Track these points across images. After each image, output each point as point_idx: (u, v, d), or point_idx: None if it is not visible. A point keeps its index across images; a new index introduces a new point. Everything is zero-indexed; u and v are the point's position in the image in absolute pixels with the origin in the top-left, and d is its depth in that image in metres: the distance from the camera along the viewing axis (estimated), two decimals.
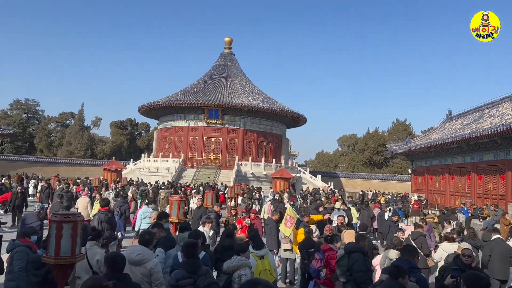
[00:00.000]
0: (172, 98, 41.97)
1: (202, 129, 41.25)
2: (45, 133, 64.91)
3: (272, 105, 41.82)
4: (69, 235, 5.14)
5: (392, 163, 62.38)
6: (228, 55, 48.74)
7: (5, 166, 41.38)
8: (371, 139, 65.12)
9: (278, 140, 45.22)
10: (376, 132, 66.58)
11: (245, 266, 5.45)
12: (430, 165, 32.34)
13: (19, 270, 5.75)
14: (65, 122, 67.39)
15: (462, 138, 24.17)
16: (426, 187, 32.70)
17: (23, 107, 66.29)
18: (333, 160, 73.92)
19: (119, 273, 4.22)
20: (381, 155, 62.82)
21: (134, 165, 43.81)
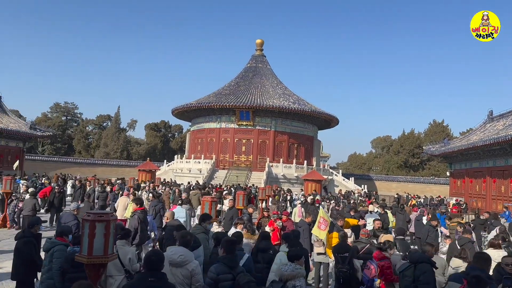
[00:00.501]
0: (204, 100, 41.92)
1: (233, 131, 41.02)
2: (83, 135, 66.57)
3: (304, 106, 41.06)
4: (101, 235, 4.94)
5: (429, 166, 60.13)
6: (260, 56, 48.37)
7: (45, 167, 42.60)
8: (407, 141, 63.02)
9: (310, 141, 44.32)
10: (412, 133, 64.38)
11: (301, 276, 5.32)
12: (470, 167, 30.65)
13: (58, 269, 5.72)
14: (102, 125, 68.87)
15: (506, 139, 22.64)
16: (465, 191, 30.97)
17: (63, 110, 68.31)
18: (366, 163, 71.97)
19: (156, 271, 4.09)
20: (417, 157, 60.84)
21: (167, 166, 44.09)
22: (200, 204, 14.57)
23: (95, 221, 5.16)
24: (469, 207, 28.32)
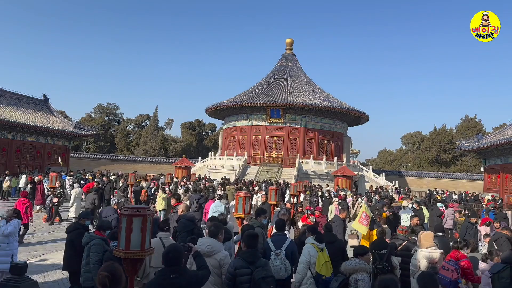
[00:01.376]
0: (236, 99, 42.02)
1: (264, 128, 40.92)
2: (124, 133, 68.26)
3: (333, 103, 40.39)
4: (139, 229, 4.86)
5: (461, 161, 58.16)
6: (289, 55, 47.99)
7: (90, 164, 44.13)
8: (438, 137, 61.11)
9: (339, 138, 43.62)
10: (444, 129, 62.35)
11: (363, 271, 5.31)
12: (505, 163, 29.25)
13: (96, 263, 5.75)
14: (142, 124, 70.37)
15: None
16: (501, 186, 29.56)
17: (105, 111, 70.23)
18: (397, 159, 70.23)
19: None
20: (448, 153, 59.04)
21: (202, 163, 44.45)
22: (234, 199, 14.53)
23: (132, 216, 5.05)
24: (504, 203, 27.00)
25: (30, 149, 34.12)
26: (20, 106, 35.59)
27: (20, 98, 37.13)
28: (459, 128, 60.92)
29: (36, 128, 33.25)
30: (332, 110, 39.80)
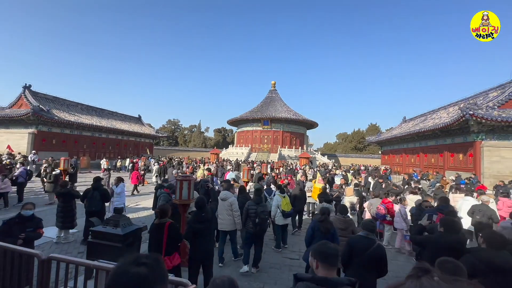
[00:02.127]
0: (244, 115, 41.58)
1: (260, 131, 40.44)
2: (182, 135, 67.80)
3: (298, 117, 39.99)
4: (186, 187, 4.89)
5: (368, 149, 57.67)
6: (274, 90, 47.25)
7: (164, 153, 43.68)
8: (356, 135, 60.79)
9: (302, 136, 43.13)
10: (359, 131, 61.97)
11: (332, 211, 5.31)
12: (393, 148, 29.11)
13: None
14: (192, 130, 69.87)
15: (415, 132, 21.16)
16: (390, 162, 29.49)
17: (172, 123, 69.67)
18: (334, 147, 69.87)
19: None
20: (361, 144, 58.46)
21: (225, 151, 44.17)
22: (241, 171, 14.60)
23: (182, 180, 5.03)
24: (392, 171, 26.97)
25: (132, 144, 33.99)
26: (125, 121, 35.38)
27: (125, 116, 36.83)
28: (367, 130, 60.30)
29: (134, 133, 33.09)
30: (297, 120, 39.42)
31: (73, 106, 27.82)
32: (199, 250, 3.87)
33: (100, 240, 3.81)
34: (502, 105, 15.19)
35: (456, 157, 17.50)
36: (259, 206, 4.74)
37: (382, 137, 30.91)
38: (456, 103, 21.89)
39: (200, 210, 3.94)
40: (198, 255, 3.86)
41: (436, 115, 23.16)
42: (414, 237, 3.57)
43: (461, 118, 14.72)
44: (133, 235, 3.88)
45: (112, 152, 29.92)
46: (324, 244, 1.69)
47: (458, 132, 16.88)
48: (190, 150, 51.15)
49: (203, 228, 3.90)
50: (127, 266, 0.87)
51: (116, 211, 4.15)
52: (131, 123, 36.18)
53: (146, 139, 37.12)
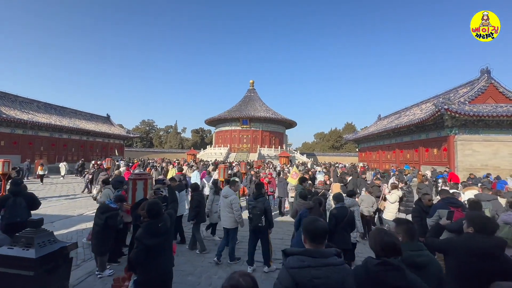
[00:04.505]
0: (222, 114, 40.32)
1: (239, 131, 39.43)
2: (158, 136, 64.60)
3: (277, 116, 39.61)
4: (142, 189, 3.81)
5: (345, 147, 59.12)
6: (252, 90, 46.55)
7: (137, 154, 41.14)
8: (333, 134, 62.05)
9: (281, 135, 42.90)
10: (336, 130, 63.36)
11: (356, 205, 5.10)
12: (369, 145, 29.62)
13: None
14: (168, 131, 66.89)
15: (391, 128, 21.48)
16: (367, 159, 29.99)
17: (146, 123, 66.13)
18: (312, 146, 70.91)
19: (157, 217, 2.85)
20: (338, 142, 59.78)
21: (203, 152, 42.54)
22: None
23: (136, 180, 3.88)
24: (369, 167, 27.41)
25: (99, 146, 31.17)
26: (91, 120, 32.35)
27: (92, 116, 33.76)
28: (344, 129, 61.76)
29: (101, 133, 30.33)
30: (276, 120, 39.00)
31: (27, 104, 24.65)
32: (157, 273, 2.79)
33: (4, 268, 2.58)
34: (472, 101, 15.73)
35: (430, 152, 17.90)
36: (256, 202, 4.51)
37: (359, 135, 31.40)
38: (428, 100, 22.67)
39: (155, 219, 2.87)
40: (155, 280, 2.78)
41: (410, 112, 23.82)
42: (432, 240, 2.79)
43: (436, 113, 14.95)
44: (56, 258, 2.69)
45: (75, 155, 27.06)
46: (313, 222, 1.66)
47: (432, 127, 17.26)
48: (166, 151, 48.62)
49: (161, 242, 2.84)
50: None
51: (30, 224, 2.89)
52: (98, 122, 33.19)
53: (116, 140, 34.30)
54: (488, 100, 15.86)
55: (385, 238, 1.68)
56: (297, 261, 1.49)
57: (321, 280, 1.44)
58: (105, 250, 4.33)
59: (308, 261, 1.48)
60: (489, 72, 16.24)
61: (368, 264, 1.65)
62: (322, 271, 1.45)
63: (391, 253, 1.64)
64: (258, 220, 4.40)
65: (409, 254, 1.93)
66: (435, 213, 4.54)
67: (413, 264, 1.88)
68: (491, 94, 15.86)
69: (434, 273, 1.93)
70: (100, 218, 4.20)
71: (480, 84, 16.23)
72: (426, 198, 4.90)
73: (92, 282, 4.07)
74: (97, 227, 4.21)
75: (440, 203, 4.65)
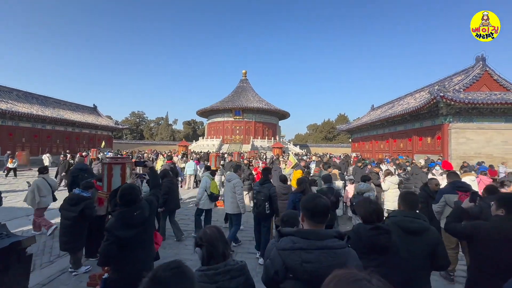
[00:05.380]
0: (214, 105, 39.39)
1: (231, 122, 38.71)
2: (148, 128, 63.14)
3: (270, 107, 39.02)
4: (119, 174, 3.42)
5: (338, 138, 59.36)
6: (245, 80, 45.56)
7: (127, 147, 40.04)
8: (326, 125, 62.12)
9: (274, 127, 42.48)
10: (329, 121, 63.39)
11: (371, 190, 4.86)
12: (362, 136, 29.58)
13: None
14: (159, 123, 65.44)
15: (385, 117, 21.30)
16: (360, 149, 29.97)
17: (136, 115, 64.40)
18: (305, 138, 70.95)
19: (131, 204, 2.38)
20: (331, 134, 59.94)
21: (195, 143, 41.82)
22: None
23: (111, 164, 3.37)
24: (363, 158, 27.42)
25: (86, 137, 29.99)
26: (77, 111, 30.97)
27: (78, 106, 32.37)
28: (337, 120, 61.71)
29: (88, 124, 29.11)
30: (269, 110, 38.42)
31: (6, 92, 23.21)
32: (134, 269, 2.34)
33: None
34: (466, 88, 15.61)
35: (424, 140, 17.87)
36: (261, 187, 4.37)
37: (352, 125, 31.29)
38: (422, 89, 22.57)
39: (129, 207, 2.40)
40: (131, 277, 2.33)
41: (404, 101, 23.71)
42: (454, 226, 2.43)
43: (431, 101, 14.77)
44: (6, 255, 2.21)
45: (60, 146, 25.92)
46: (314, 199, 1.49)
47: (427, 115, 17.15)
48: (157, 143, 47.53)
49: (137, 234, 2.37)
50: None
51: None
52: (84, 113, 31.83)
53: (104, 131, 33.09)
54: (482, 88, 15.77)
55: (372, 206, 1.99)
56: (289, 242, 1.37)
57: (312, 265, 1.27)
58: (79, 245, 3.84)
59: (300, 242, 1.34)
60: (484, 59, 16.10)
61: (361, 229, 1.91)
62: (314, 254, 1.29)
63: (377, 218, 1.93)
64: (262, 206, 4.21)
65: (402, 219, 2.09)
66: (441, 198, 4.25)
67: (406, 228, 2.04)
68: (485, 82, 15.77)
69: (429, 242, 2.03)
70: (71, 210, 3.68)
71: (475, 71, 16.10)
72: (433, 182, 4.60)
73: (65, 280, 3.58)
74: (68, 221, 3.69)
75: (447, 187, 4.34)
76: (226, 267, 1.39)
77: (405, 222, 2.06)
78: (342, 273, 0.62)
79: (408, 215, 2.11)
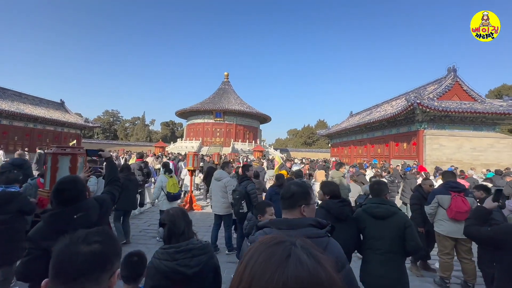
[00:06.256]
0: (194, 106, 38.24)
1: (212, 124, 37.77)
2: (123, 128, 59.85)
3: (252, 110, 38.75)
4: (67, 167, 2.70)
5: (317, 143, 60.56)
6: (227, 82, 44.90)
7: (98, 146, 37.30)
8: (306, 131, 63.24)
9: (255, 130, 42.16)
10: (308, 126, 64.67)
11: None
12: (341, 141, 30.19)
13: None
14: (135, 122, 62.32)
15: (364, 123, 21.82)
16: (339, 154, 30.52)
17: (110, 114, 60.82)
18: (285, 142, 71.56)
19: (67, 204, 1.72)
20: (311, 139, 61.00)
21: (173, 145, 40.15)
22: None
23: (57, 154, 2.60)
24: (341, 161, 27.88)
25: (50, 135, 27.40)
26: (41, 106, 28.21)
27: (41, 100, 29.49)
28: (316, 125, 63.11)
29: (53, 120, 26.64)
30: (251, 114, 38.07)
31: None
32: None
33: None
34: (439, 97, 16.40)
35: (400, 146, 18.44)
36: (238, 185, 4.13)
37: (332, 130, 31.88)
38: (398, 97, 23.53)
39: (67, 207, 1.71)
40: None
41: (381, 108, 24.55)
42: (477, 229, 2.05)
43: (409, 107, 15.26)
44: None
45: (19, 144, 23.32)
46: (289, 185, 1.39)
47: (403, 122, 17.74)
48: (132, 144, 45.08)
49: None
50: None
51: None
52: (49, 108, 29.12)
53: (72, 129, 30.54)
54: (453, 97, 16.66)
55: (334, 185, 2.51)
56: (261, 233, 1.28)
57: None
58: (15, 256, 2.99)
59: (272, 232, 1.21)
60: (455, 70, 17.07)
61: (330, 204, 2.33)
62: None
63: (335, 196, 2.41)
64: (237, 205, 3.91)
65: (369, 206, 2.33)
66: (433, 199, 4.02)
67: (373, 214, 2.25)
68: (456, 91, 16.68)
69: (396, 226, 2.17)
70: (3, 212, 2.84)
71: (447, 81, 16.99)
72: (427, 183, 4.35)
73: None
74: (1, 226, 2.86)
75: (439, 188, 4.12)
76: (188, 245, 1.42)
77: (372, 208, 2.28)
78: (265, 238, 0.56)
79: (374, 201, 2.32)
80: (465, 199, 3.78)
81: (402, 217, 2.20)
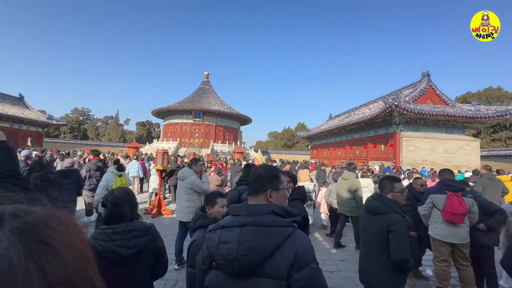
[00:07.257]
0: (172, 106, 36.56)
1: (190, 124, 36.29)
2: (94, 128, 55.95)
3: (232, 111, 37.86)
4: None
5: (297, 145, 61.10)
6: (207, 82, 43.62)
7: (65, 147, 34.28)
8: (286, 133, 63.65)
9: (236, 131, 41.32)
10: (288, 129, 65.14)
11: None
12: (321, 143, 30.42)
13: None
14: (107, 122, 58.64)
15: (344, 125, 22.02)
16: (319, 156, 30.71)
17: (80, 112, 56.66)
18: (265, 145, 71.54)
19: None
20: (291, 141, 61.42)
21: (149, 146, 38.10)
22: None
23: None
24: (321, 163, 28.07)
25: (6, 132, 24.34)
26: None
27: None
28: (296, 128, 63.78)
29: (9, 117, 23.88)
30: (231, 114, 37.19)
31: None
32: None
33: None
34: (415, 100, 16.88)
35: (378, 148, 18.73)
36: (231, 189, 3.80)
37: (312, 132, 32.06)
38: (375, 100, 24.11)
39: None
40: None
41: (359, 111, 25.01)
42: None
43: (387, 109, 15.46)
44: None
45: None
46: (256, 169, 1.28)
47: (381, 124, 18.03)
48: (104, 144, 42.21)
49: None
50: None
51: None
52: (5, 103, 26.14)
53: (32, 126, 27.68)
54: (427, 101, 17.23)
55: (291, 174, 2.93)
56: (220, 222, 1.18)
57: (229, 245, 0.98)
58: None
59: (226, 220, 1.07)
60: (429, 75, 17.70)
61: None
62: (234, 233, 1.02)
63: (294, 182, 2.84)
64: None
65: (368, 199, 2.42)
66: (427, 199, 3.61)
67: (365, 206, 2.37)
68: (430, 96, 17.27)
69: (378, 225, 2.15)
70: None
71: (422, 85, 17.56)
72: (418, 182, 3.96)
73: None
74: None
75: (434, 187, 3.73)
76: (128, 227, 1.39)
77: (367, 202, 2.31)
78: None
79: (372, 196, 2.31)
80: (463, 200, 3.37)
81: (391, 220, 2.06)
